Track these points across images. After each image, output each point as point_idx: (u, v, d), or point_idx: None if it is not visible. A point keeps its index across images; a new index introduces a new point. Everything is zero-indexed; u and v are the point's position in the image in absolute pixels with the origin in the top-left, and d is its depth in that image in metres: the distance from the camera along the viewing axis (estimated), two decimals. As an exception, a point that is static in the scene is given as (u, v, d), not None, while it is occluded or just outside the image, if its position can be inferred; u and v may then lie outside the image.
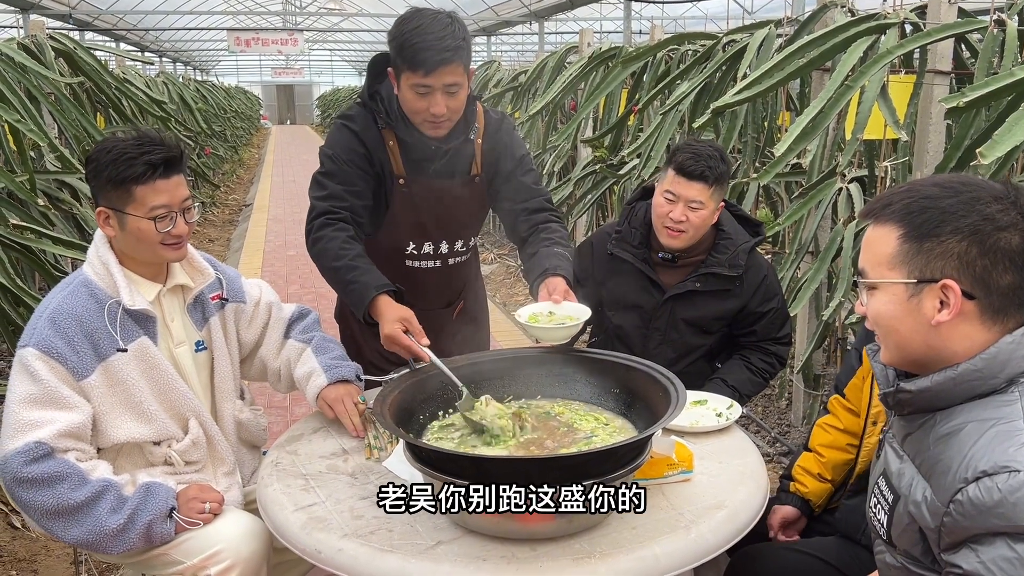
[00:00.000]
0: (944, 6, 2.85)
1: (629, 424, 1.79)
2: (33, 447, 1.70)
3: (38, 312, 1.84)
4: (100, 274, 1.86)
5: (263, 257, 8.08)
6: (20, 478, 1.69)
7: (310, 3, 20.43)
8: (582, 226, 6.49)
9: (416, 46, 1.98)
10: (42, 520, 1.73)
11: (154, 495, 1.78)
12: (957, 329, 1.22)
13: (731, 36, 4.02)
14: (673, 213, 2.35)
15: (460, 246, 2.37)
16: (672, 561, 1.47)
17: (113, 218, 1.85)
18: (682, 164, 2.34)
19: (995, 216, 1.19)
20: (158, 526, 1.76)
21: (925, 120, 2.93)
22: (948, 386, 1.22)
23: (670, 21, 15.30)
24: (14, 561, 2.89)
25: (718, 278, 2.44)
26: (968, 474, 1.15)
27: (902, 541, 1.29)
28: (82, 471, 1.73)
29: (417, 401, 1.80)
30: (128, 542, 1.74)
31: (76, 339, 1.78)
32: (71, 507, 1.70)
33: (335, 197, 2.14)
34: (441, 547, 1.49)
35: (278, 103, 45.27)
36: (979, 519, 1.13)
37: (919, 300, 1.23)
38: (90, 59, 5.21)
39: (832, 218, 3.44)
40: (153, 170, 1.81)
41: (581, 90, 5.92)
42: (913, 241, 1.23)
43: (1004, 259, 1.19)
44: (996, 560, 1.11)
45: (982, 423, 1.19)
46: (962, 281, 1.20)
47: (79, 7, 12.11)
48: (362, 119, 2.20)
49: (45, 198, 4.11)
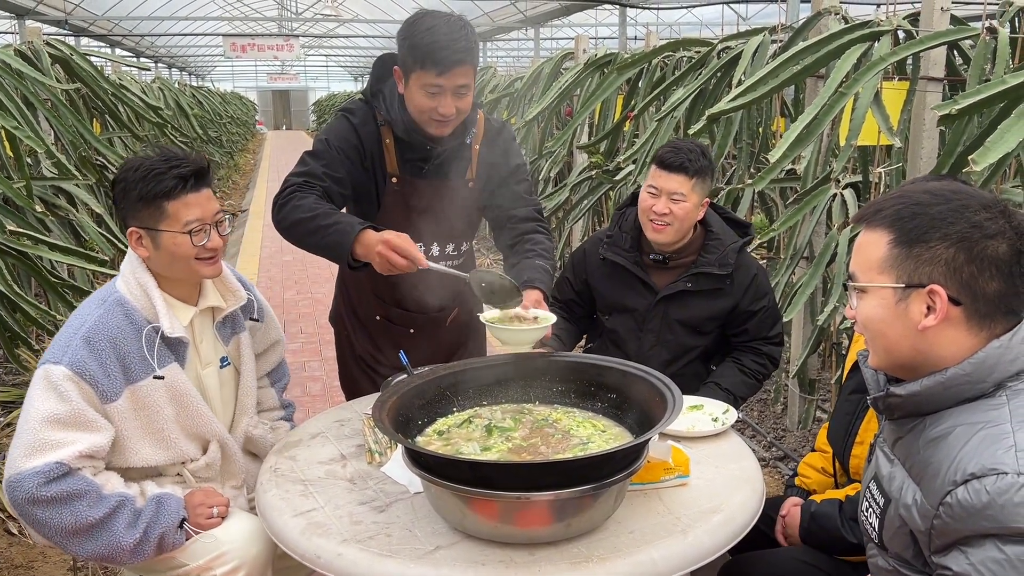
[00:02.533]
0: (937, 13, 2.87)
1: (625, 430, 1.80)
2: (53, 467, 1.66)
3: (72, 328, 1.79)
4: (136, 295, 1.83)
5: (259, 262, 8.08)
6: (36, 498, 1.65)
7: (306, 9, 20.45)
8: (578, 232, 6.50)
9: (430, 46, 2.00)
10: (57, 538, 1.70)
11: (165, 507, 1.77)
12: (944, 334, 1.24)
13: (726, 43, 4.05)
14: (656, 206, 2.41)
15: (452, 250, 2.37)
16: (669, 565, 1.48)
17: (146, 237, 1.82)
18: (663, 157, 2.42)
19: (983, 224, 1.21)
20: (170, 537, 1.76)
21: (918, 126, 2.96)
22: (937, 391, 1.24)
23: (665, 27, 15.35)
24: (11, 567, 2.89)
25: (709, 277, 2.48)
26: (957, 477, 1.16)
27: (894, 544, 1.30)
28: (98, 486, 1.72)
29: (416, 406, 1.81)
30: (142, 555, 1.74)
31: (109, 362, 1.76)
32: (89, 524, 1.69)
33: (313, 175, 2.13)
34: (440, 552, 1.49)
35: (274, 108, 45.28)
36: (968, 521, 1.15)
37: (907, 305, 1.25)
38: (86, 65, 5.21)
39: (827, 224, 3.46)
40: (184, 184, 1.80)
41: (577, 96, 5.93)
42: (902, 246, 1.25)
43: (991, 266, 1.20)
44: (985, 562, 1.12)
45: (970, 427, 1.20)
46: (949, 287, 1.22)
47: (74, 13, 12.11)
48: (362, 113, 2.22)
49: (42, 204, 4.12)
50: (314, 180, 2.12)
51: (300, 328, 5.81)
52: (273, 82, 37.73)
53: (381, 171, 2.23)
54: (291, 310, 6.34)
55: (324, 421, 2.13)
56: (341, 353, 2.56)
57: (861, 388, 1.86)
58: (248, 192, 14.11)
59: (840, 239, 3.13)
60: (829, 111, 2.83)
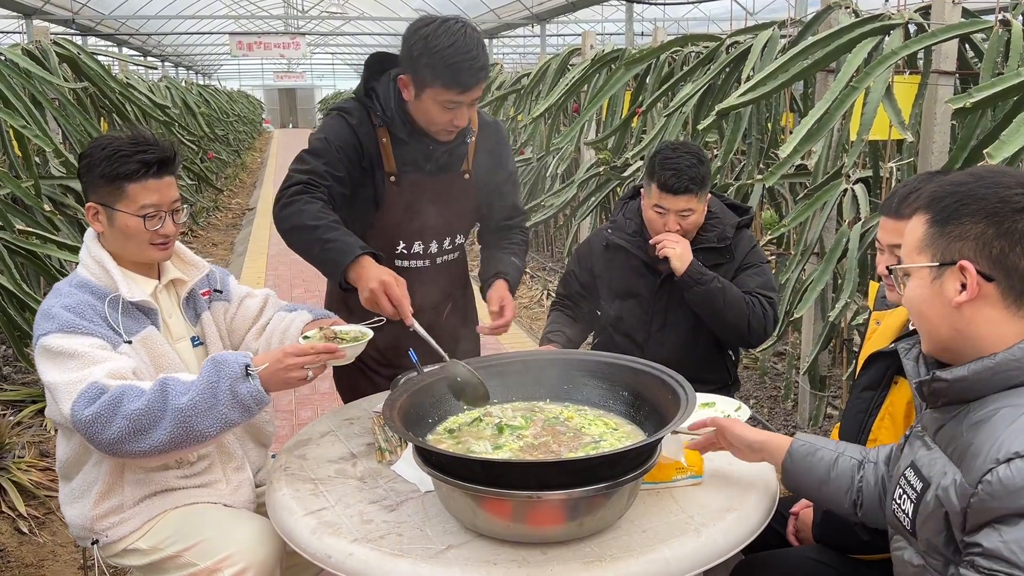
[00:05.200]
0: (948, 6, 2.85)
1: (637, 427, 1.79)
2: (87, 389, 1.68)
3: (47, 306, 1.81)
4: (96, 273, 1.87)
5: (267, 261, 8.09)
6: (88, 420, 1.66)
7: (312, 7, 20.45)
8: (585, 228, 6.48)
9: (454, 67, 1.99)
10: (132, 445, 1.67)
11: (223, 362, 1.73)
12: (980, 312, 1.23)
13: (735, 38, 4.02)
14: (667, 225, 2.45)
15: (448, 244, 2.37)
16: (682, 564, 1.47)
17: (103, 214, 1.87)
18: (666, 183, 2.42)
19: (1012, 198, 1.20)
20: (241, 386, 1.70)
21: (930, 121, 2.93)
22: (985, 375, 1.22)
23: (672, 23, 15.31)
24: (21, 566, 2.89)
25: (709, 252, 2.51)
26: (1000, 455, 1.14)
27: (925, 529, 1.28)
28: (136, 384, 1.72)
29: (426, 405, 1.80)
30: (221, 416, 1.69)
31: (96, 320, 1.79)
32: (142, 413, 1.66)
33: (316, 174, 2.12)
34: (451, 551, 1.48)
35: (280, 107, 45.31)
36: (1007, 499, 1.12)
37: (941, 283, 1.25)
38: (94, 64, 5.22)
39: (837, 219, 3.44)
40: (147, 169, 1.84)
41: (584, 92, 5.92)
42: (937, 225, 1.25)
43: (1021, 241, 1.19)
44: (1021, 541, 1.10)
45: (1016, 408, 1.19)
46: (979, 262, 1.21)
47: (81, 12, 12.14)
48: (358, 113, 2.21)
49: (50, 203, 4.12)
50: (318, 179, 2.11)
51: (308, 326, 5.80)
52: (279, 80, 37.81)
53: (379, 170, 2.22)
54: (299, 308, 6.34)
55: (334, 419, 2.12)
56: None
57: (873, 385, 1.84)
58: (255, 190, 14.13)
59: (851, 235, 3.11)
60: (840, 105, 2.81)
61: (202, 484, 1.92)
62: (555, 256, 7.73)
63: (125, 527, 1.87)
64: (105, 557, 1.92)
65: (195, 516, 1.88)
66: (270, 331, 2.14)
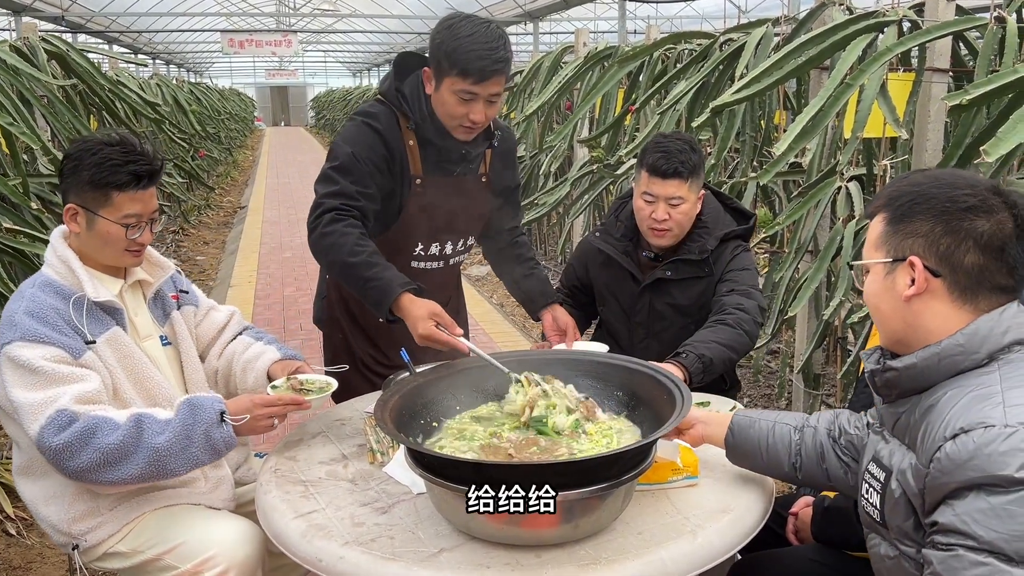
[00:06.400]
0: (942, 4, 2.83)
1: (634, 424, 1.77)
2: (56, 416, 1.67)
3: (10, 311, 1.80)
4: (61, 272, 1.86)
5: (258, 259, 8.05)
6: (57, 448, 1.66)
7: (304, 4, 20.38)
8: (579, 227, 6.47)
9: (471, 54, 2.00)
10: (99, 475, 1.69)
11: (199, 406, 1.77)
12: (928, 306, 1.30)
13: (728, 35, 4.01)
14: (655, 213, 2.37)
15: (461, 246, 2.40)
16: (679, 566, 1.45)
17: (82, 216, 1.86)
18: (655, 165, 2.34)
19: (961, 198, 1.27)
20: (215, 432, 1.75)
21: (924, 118, 2.92)
22: (932, 362, 1.28)
23: (664, 21, 15.31)
24: (9, 568, 2.86)
25: (688, 264, 2.44)
26: (947, 432, 1.20)
27: (894, 517, 1.32)
28: (109, 416, 1.72)
29: (418, 406, 1.78)
30: (193, 457, 1.74)
31: (59, 325, 1.77)
32: (115, 448, 1.68)
33: (346, 195, 2.11)
34: (444, 554, 1.46)
35: (272, 105, 45.20)
36: (956, 473, 1.17)
37: (893, 278, 1.32)
38: (83, 61, 5.17)
39: (831, 217, 3.42)
40: (137, 181, 1.84)
41: (577, 90, 5.90)
42: (892, 224, 1.33)
43: (968, 239, 1.26)
44: (971, 512, 1.14)
45: (961, 389, 1.25)
46: (927, 258, 1.28)
47: (71, 9, 12.06)
48: (385, 118, 2.19)
49: (38, 202, 4.07)
50: (350, 202, 2.10)
51: (300, 325, 5.77)
52: (271, 78, 37.62)
53: (406, 174, 2.22)
54: (291, 307, 6.31)
55: (324, 420, 2.10)
56: (334, 357, 2.51)
57: None
58: (247, 188, 14.08)
59: (845, 233, 3.10)
60: (834, 103, 2.80)
61: (180, 483, 1.90)
62: (548, 254, 7.71)
63: (103, 531, 1.85)
64: (87, 562, 1.90)
65: (174, 518, 1.87)
66: (232, 354, 2.14)
